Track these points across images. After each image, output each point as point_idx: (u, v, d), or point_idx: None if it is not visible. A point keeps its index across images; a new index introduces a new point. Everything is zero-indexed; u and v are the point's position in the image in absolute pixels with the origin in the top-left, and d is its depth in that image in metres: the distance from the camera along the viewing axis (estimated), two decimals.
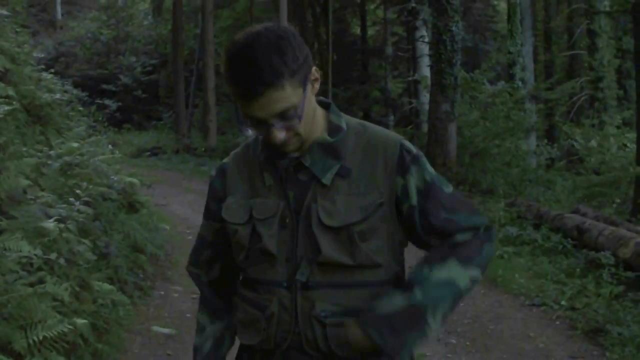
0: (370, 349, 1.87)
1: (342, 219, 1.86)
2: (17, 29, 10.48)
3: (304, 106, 1.81)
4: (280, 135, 1.81)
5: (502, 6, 28.42)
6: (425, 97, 19.11)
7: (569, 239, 8.99)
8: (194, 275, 2.22)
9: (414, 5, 20.69)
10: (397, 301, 1.87)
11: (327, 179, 1.89)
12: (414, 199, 1.91)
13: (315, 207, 1.88)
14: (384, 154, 1.92)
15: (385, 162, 1.91)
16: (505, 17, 21.31)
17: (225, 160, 2.10)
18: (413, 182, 1.91)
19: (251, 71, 1.73)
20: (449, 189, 1.96)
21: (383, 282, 1.92)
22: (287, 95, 1.76)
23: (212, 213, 2.10)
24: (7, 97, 6.59)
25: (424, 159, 1.96)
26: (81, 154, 6.86)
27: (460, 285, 1.90)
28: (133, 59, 30.21)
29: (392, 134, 1.99)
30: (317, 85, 1.87)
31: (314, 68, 1.84)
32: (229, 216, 1.98)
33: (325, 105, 1.99)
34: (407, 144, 1.96)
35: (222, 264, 2.15)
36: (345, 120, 1.98)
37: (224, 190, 2.04)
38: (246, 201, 1.97)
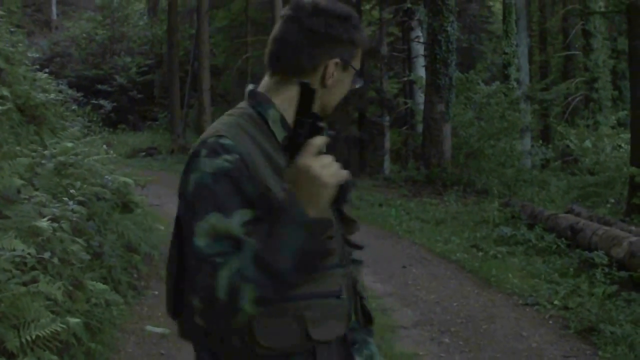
0: None
1: None
2: (12, 29, 10.48)
3: None
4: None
5: (498, 7, 28.49)
6: (420, 97, 19.14)
7: (563, 239, 9.01)
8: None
9: (409, 5, 20.69)
10: None
11: None
12: None
13: None
14: None
15: None
16: (501, 17, 21.40)
17: (228, 141, 1.66)
18: None
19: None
20: None
21: None
22: None
23: (248, 197, 1.63)
24: (1, 97, 6.60)
25: None
26: (75, 154, 6.85)
27: None
28: (128, 59, 30.12)
29: None
30: None
31: None
32: None
33: None
34: None
35: None
36: None
37: (253, 185, 1.65)
38: (280, 184, 1.65)
